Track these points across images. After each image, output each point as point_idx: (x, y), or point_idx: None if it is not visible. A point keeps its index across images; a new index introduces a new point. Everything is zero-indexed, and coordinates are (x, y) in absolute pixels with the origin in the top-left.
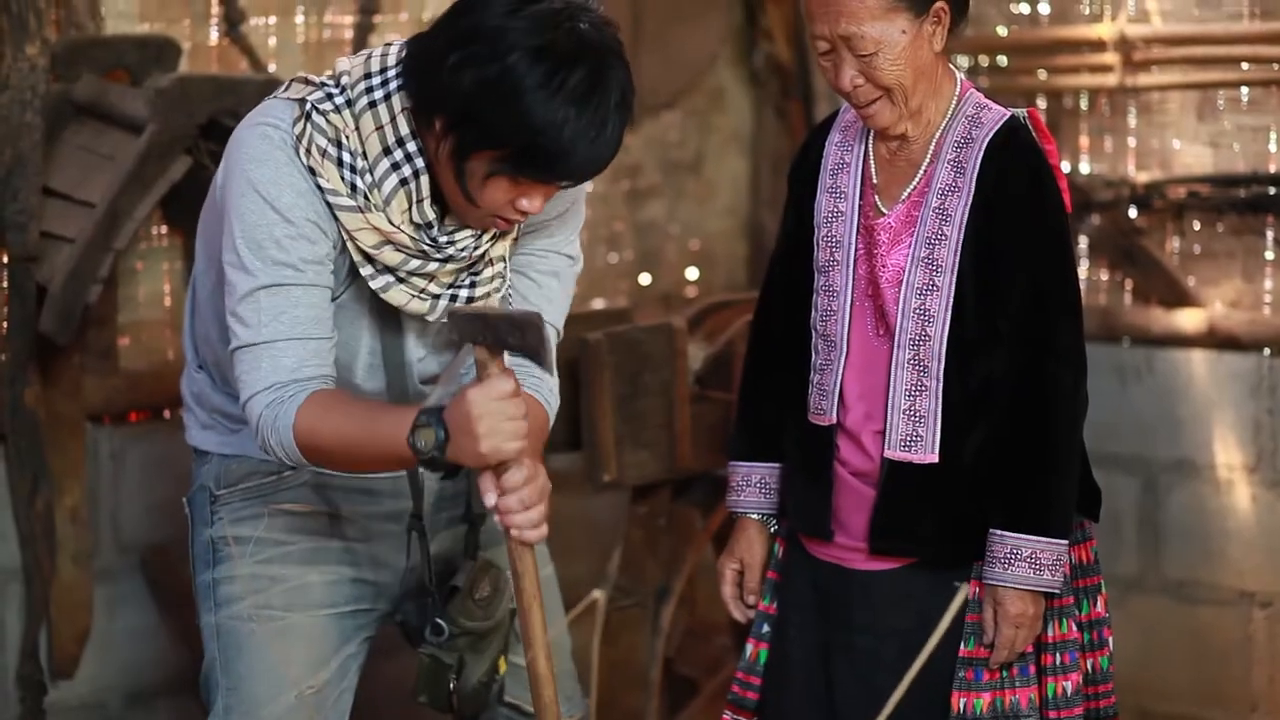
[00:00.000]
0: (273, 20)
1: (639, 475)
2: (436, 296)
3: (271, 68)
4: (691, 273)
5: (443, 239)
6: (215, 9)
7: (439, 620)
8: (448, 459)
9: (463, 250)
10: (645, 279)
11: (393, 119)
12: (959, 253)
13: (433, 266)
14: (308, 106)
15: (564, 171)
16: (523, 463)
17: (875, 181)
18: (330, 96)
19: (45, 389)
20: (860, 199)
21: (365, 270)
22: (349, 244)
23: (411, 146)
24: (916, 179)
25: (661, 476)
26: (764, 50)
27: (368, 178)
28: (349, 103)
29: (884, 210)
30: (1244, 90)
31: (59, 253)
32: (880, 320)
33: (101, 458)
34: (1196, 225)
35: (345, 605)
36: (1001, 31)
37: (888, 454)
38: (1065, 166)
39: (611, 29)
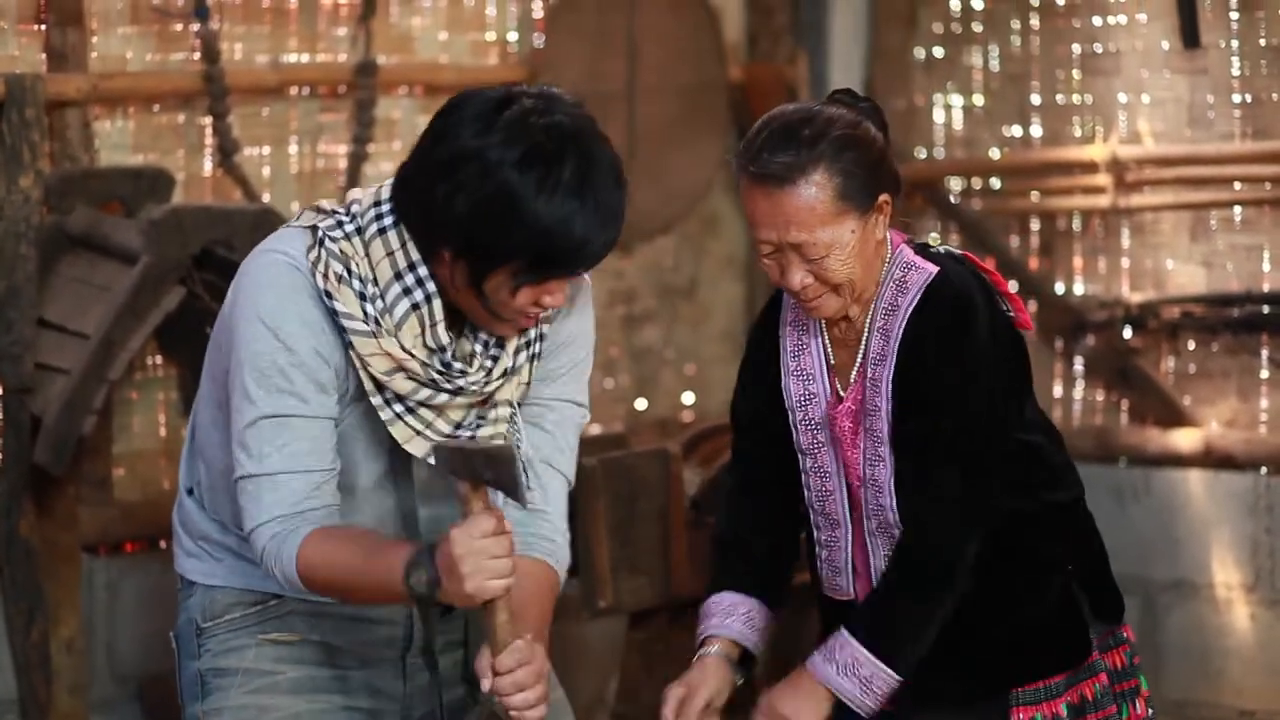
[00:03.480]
0: (266, 150)
1: (635, 601)
2: (442, 436)
3: (266, 197)
4: (687, 397)
5: (456, 365)
6: (209, 139)
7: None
8: (441, 599)
9: (473, 384)
10: (641, 404)
11: (403, 245)
12: (890, 421)
13: (442, 398)
14: (320, 234)
15: (583, 261)
16: (518, 646)
17: (833, 363)
18: (340, 224)
19: (40, 520)
20: (827, 379)
21: (375, 400)
22: (361, 371)
23: (422, 271)
24: (860, 355)
25: (658, 602)
26: None
27: (379, 303)
28: (359, 230)
29: (841, 395)
30: (1237, 210)
31: (53, 384)
32: (854, 498)
33: (97, 588)
34: (1191, 345)
35: None
36: (994, 154)
37: None
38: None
39: (582, 110)
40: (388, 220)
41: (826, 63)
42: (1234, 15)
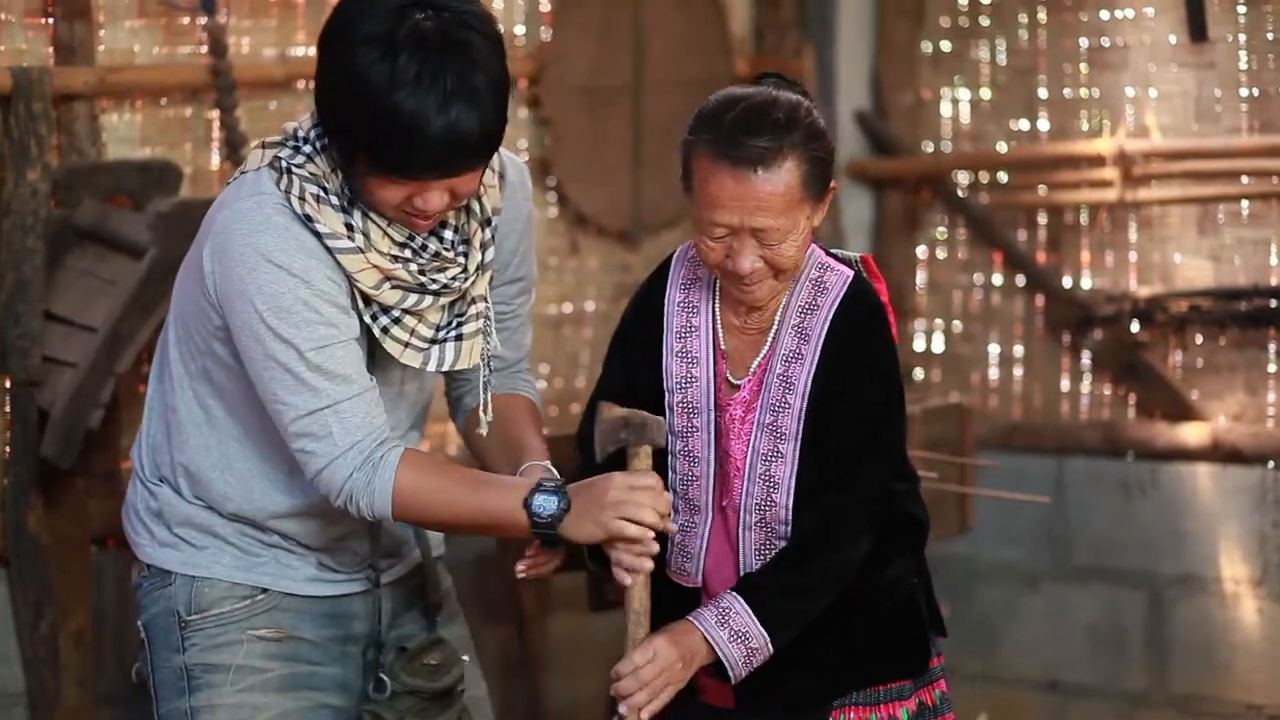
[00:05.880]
0: None
1: None
2: (429, 342)
3: None
4: None
5: (432, 249)
6: (216, 133)
7: (382, 676)
8: (560, 529)
9: (455, 280)
10: None
11: None
12: (802, 420)
13: (427, 302)
14: (283, 164)
15: (419, 159)
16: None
17: (724, 348)
18: (298, 149)
19: (48, 513)
20: (714, 363)
21: (365, 315)
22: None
23: None
24: (765, 348)
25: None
26: None
27: (355, 213)
28: (315, 150)
29: (735, 382)
30: (1244, 204)
31: (61, 377)
32: (726, 488)
33: (105, 581)
34: (1199, 339)
35: None
36: (1001, 148)
37: None
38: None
39: (469, 18)
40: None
41: (833, 57)
42: (1241, 9)
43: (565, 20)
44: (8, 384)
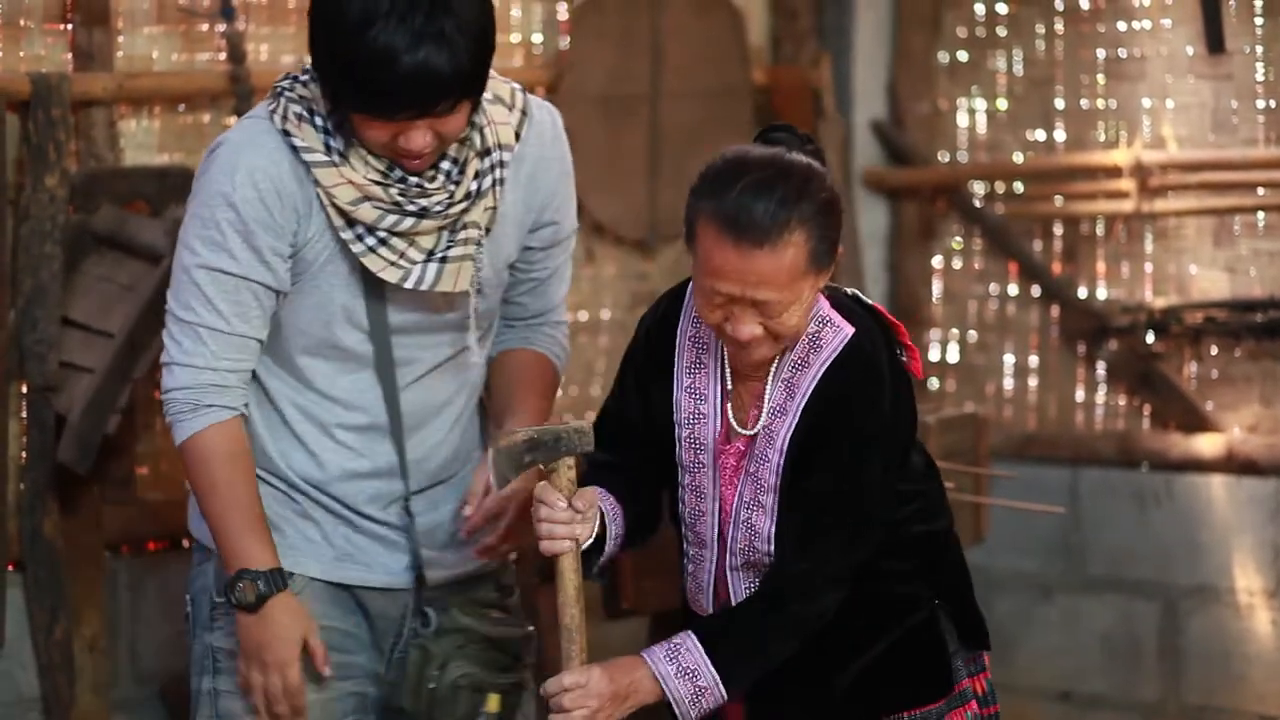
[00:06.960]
0: None
1: (658, 602)
2: (414, 263)
3: None
4: None
5: (413, 179)
6: None
7: (427, 610)
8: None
9: (437, 204)
10: None
11: None
12: (779, 474)
13: (408, 223)
14: (278, 89)
15: (391, 98)
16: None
17: (730, 389)
18: (297, 79)
19: (64, 519)
20: (720, 404)
21: (346, 235)
22: (329, 207)
23: None
24: (761, 399)
25: (679, 604)
26: None
27: (338, 138)
28: (312, 78)
29: (739, 430)
30: (1260, 215)
31: (78, 383)
32: (724, 526)
33: (120, 587)
34: (1214, 350)
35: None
36: (1018, 158)
37: None
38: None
39: None
40: None
41: (850, 66)
42: (1259, 21)
43: (583, 29)
44: (25, 389)
